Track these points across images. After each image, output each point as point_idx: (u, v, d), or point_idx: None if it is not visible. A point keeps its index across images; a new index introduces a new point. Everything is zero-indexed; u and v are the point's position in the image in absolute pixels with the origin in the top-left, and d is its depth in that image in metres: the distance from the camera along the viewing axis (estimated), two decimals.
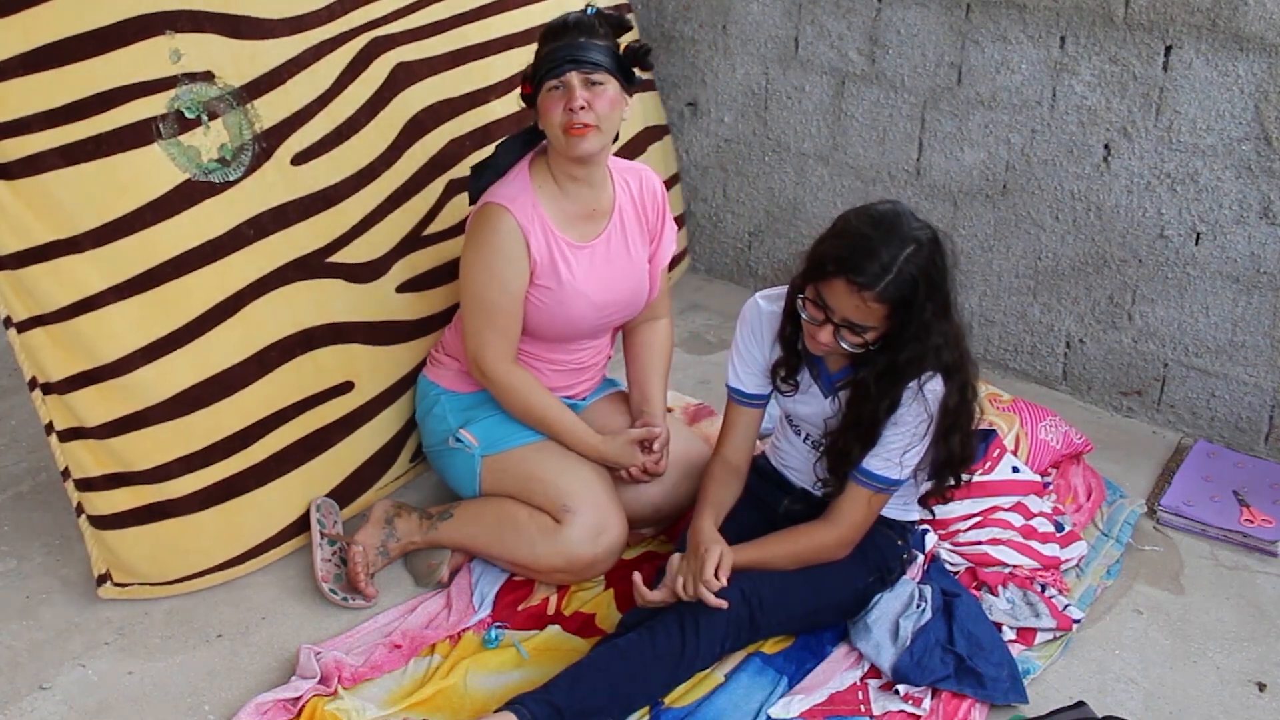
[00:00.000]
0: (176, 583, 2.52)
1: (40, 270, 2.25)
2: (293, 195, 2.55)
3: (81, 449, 2.39)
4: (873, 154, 3.44)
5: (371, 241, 2.70)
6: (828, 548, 2.28)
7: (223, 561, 2.53)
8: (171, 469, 2.42)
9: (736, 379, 2.39)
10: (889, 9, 3.27)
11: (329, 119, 2.64)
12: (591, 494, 2.47)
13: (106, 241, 2.29)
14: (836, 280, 2.06)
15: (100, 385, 2.33)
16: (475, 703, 2.24)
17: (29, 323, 2.29)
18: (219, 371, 2.44)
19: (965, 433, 2.24)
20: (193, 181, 2.38)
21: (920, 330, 2.09)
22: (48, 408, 2.36)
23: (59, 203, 2.24)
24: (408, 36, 2.86)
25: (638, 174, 2.62)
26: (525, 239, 2.42)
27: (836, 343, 2.11)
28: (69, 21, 2.21)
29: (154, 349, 2.36)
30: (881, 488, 2.23)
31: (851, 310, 2.07)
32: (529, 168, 2.49)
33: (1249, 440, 3.04)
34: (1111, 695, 2.30)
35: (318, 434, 2.62)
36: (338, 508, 2.66)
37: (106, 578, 2.49)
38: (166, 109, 2.34)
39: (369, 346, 2.69)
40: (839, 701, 2.25)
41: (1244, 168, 2.84)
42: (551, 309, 2.49)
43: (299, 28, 2.59)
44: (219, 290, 2.43)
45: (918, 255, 2.05)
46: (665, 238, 2.64)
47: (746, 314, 2.37)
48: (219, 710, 2.25)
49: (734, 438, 2.43)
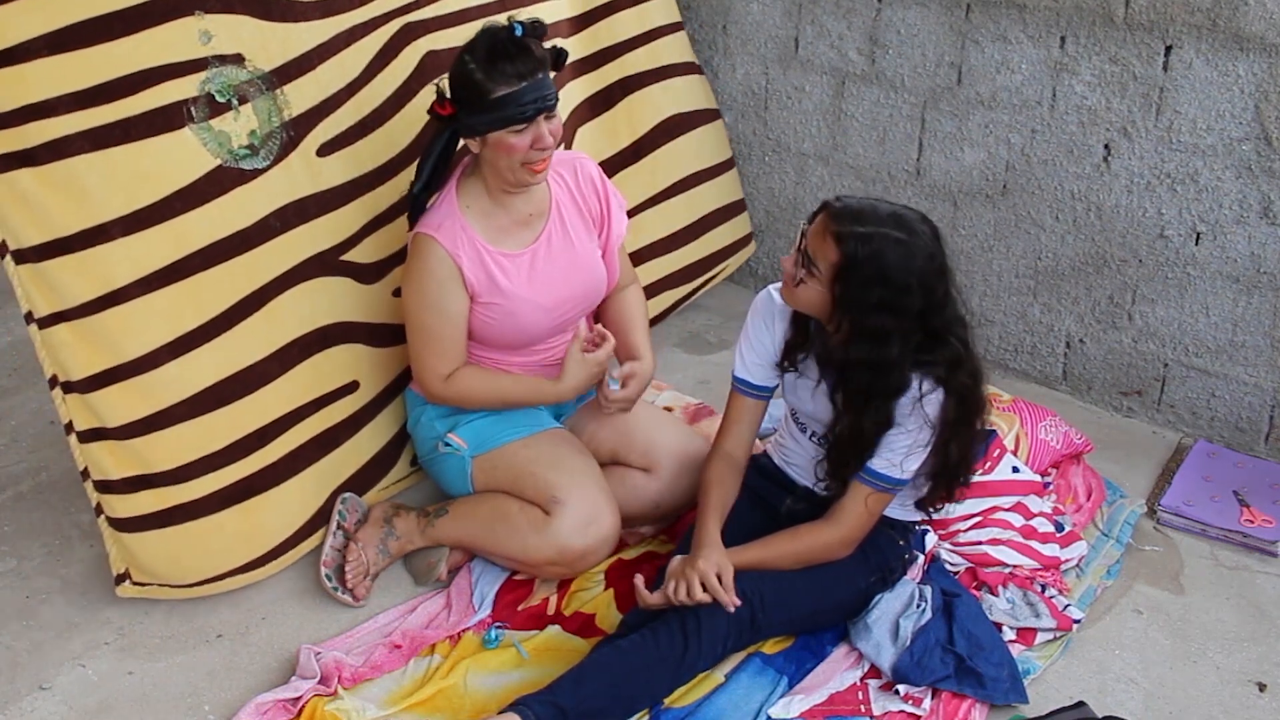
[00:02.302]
0: (197, 585, 2.47)
1: (65, 262, 2.18)
2: (315, 188, 2.51)
3: (102, 450, 2.32)
4: (873, 154, 3.44)
5: (377, 242, 2.68)
6: (831, 547, 2.28)
7: (242, 565, 2.48)
8: (193, 469, 2.36)
9: (744, 369, 2.40)
10: (889, 9, 3.27)
11: (355, 109, 2.59)
12: (581, 485, 2.47)
13: (136, 230, 2.22)
14: (824, 213, 2.14)
15: (123, 384, 2.27)
16: (475, 703, 2.24)
17: (51, 319, 2.22)
18: (242, 368, 2.39)
19: (964, 446, 2.24)
20: (224, 168, 2.33)
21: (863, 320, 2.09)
22: (68, 407, 2.29)
23: (87, 189, 2.17)
24: (439, 23, 2.79)
25: (572, 165, 2.60)
26: (457, 264, 2.42)
27: (794, 270, 2.16)
28: (95, 1, 2.15)
29: (180, 344, 2.30)
30: (883, 487, 2.24)
31: (814, 238, 2.13)
32: (456, 187, 2.47)
33: (1249, 440, 3.04)
34: (1111, 695, 2.30)
35: (329, 432, 2.59)
36: (363, 505, 2.67)
37: (125, 576, 2.44)
38: (198, 92, 2.28)
39: (370, 347, 2.69)
40: (839, 701, 2.25)
41: (1244, 168, 2.84)
42: (502, 321, 2.50)
43: (330, 11, 2.53)
44: (247, 284, 2.38)
45: (898, 247, 2.07)
46: (613, 220, 2.63)
47: (759, 303, 2.39)
48: (219, 710, 2.25)
49: (736, 430, 2.43)
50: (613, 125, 3.32)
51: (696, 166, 3.51)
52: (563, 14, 3.14)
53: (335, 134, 2.55)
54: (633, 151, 3.36)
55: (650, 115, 3.39)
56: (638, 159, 3.37)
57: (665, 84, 3.42)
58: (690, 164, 3.49)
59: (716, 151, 3.58)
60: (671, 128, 3.44)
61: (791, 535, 2.29)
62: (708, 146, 3.55)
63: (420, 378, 2.54)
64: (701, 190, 3.52)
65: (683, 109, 3.47)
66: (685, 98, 3.48)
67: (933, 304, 2.11)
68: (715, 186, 3.56)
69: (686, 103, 3.48)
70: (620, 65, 3.33)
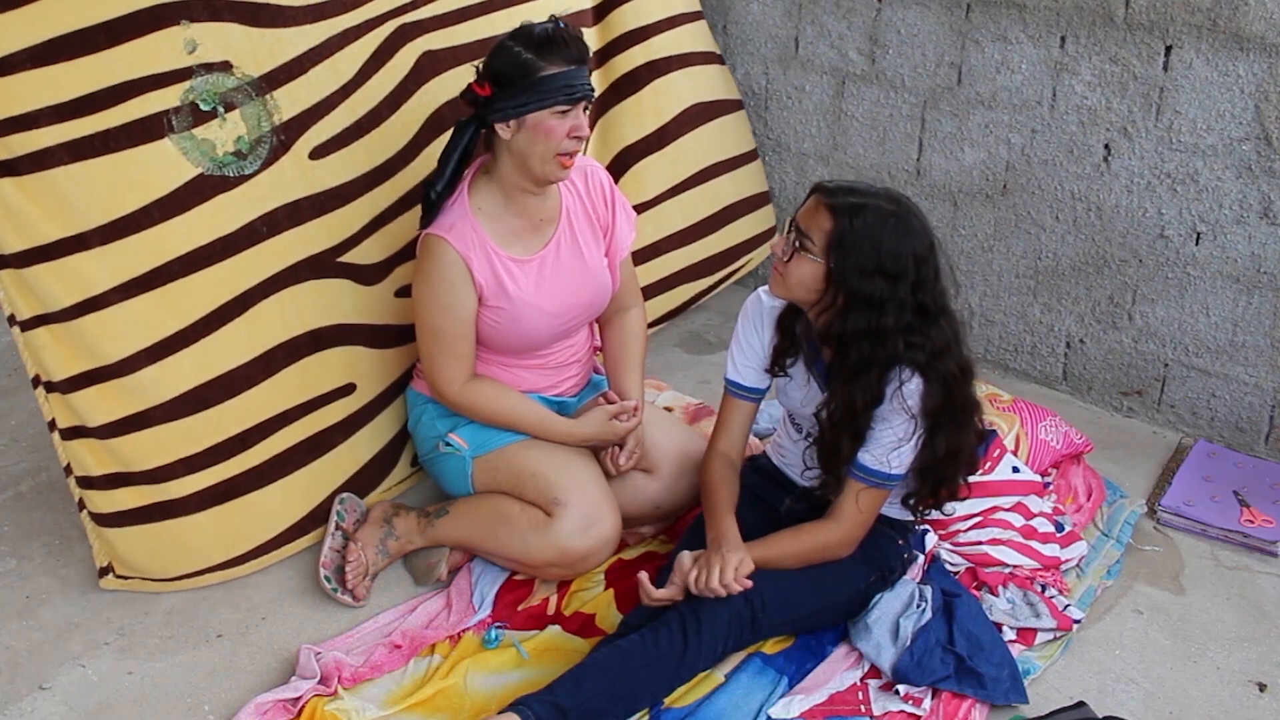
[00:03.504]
0: (177, 580, 2.52)
1: (46, 269, 2.23)
2: (309, 191, 2.52)
3: (83, 448, 2.38)
4: (873, 154, 3.44)
5: (380, 242, 2.68)
6: (831, 546, 2.28)
7: (222, 562, 2.53)
8: (173, 470, 2.41)
9: (735, 372, 2.41)
10: (889, 9, 3.27)
11: (349, 111, 2.59)
12: (582, 487, 2.47)
13: (114, 239, 2.25)
14: (815, 192, 2.18)
15: (103, 385, 2.32)
16: (475, 703, 2.24)
17: (33, 321, 2.27)
18: (223, 372, 2.42)
19: (952, 441, 2.22)
20: (206, 176, 2.35)
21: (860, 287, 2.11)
22: (50, 406, 2.35)
23: (66, 200, 2.21)
24: (435, 23, 2.80)
25: (583, 171, 2.60)
26: (467, 266, 2.42)
27: (786, 248, 2.18)
28: (79, 14, 2.17)
29: (159, 349, 2.34)
30: (873, 482, 2.23)
31: (805, 215, 2.16)
32: (468, 189, 2.47)
33: (1249, 440, 3.04)
34: (1111, 695, 2.30)
35: (320, 435, 2.61)
36: (362, 505, 2.67)
37: (109, 570, 2.50)
38: (180, 101, 2.30)
39: (370, 349, 2.68)
40: (839, 701, 2.25)
41: (1244, 168, 2.84)
42: (506, 326, 2.49)
43: (323, 15, 2.54)
44: (228, 289, 2.40)
45: (890, 215, 2.11)
46: (619, 230, 2.63)
47: (748, 306, 2.41)
48: (219, 710, 2.25)
49: (729, 432, 2.44)
50: (639, 109, 3.30)
51: (717, 157, 3.47)
52: (584, 4, 3.14)
53: (329, 136, 2.55)
54: (657, 138, 3.32)
55: (675, 102, 3.35)
56: (661, 146, 3.33)
57: (688, 71, 3.38)
58: (711, 154, 3.45)
59: (739, 142, 3.54)
60: (694, 116, 3.40)
61: (794, 535, 2.29)
62: (729, 137, 3.51)
63: (435, 382, 2.53)
64: (722, 181, 3.49)
65: (704, 98, 3.42)
66: (707, 87, 3.44)
67: (924, 276, 2.13)
68: (737, 178, 3.53)
69: (708, 92, 3.44)
70: (646, 49, 3.29)
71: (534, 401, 2.58)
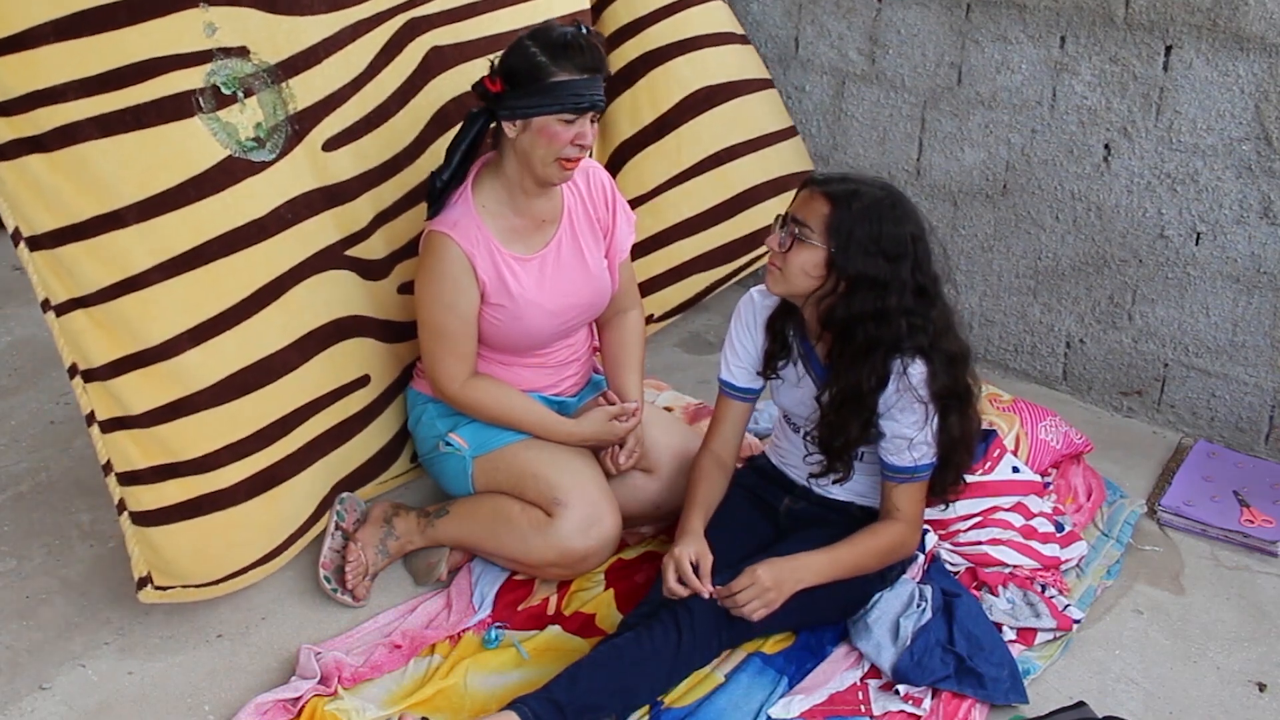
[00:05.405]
0: (217, 583, 2.41)
1: (80, 248, 2.15)
2: (321, 183, 2.50)
3: (127, 439, 2.26)
4: (873, 154, 3.44)
5: (386, 237, 2.68)
6: (907, 543, 2.31)
7: (262, 556, 2.43)
8: (220, 457, 2.31)
9: (728, 372, 2.43)
10: (889, 9, 3.27)
11: (360, 105, 2.58)
12: (582, 487, 2.47)
13: (151, 216, 2.19)
14: (807, 185, 2.23)
15: (146, 370, 2.22)
16: (475, 703, 2.24)
17: (68, 305, 2.18)
18: (265, 356, 2.37)
19: (964, 420, 2.26)
20: (234, 158, 2.31)
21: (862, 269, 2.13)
22: (89, 396, 2.24)
23: (99, 175, 2.14)
24: (444, 18, 2.78)
25: (585, 172, 2.60)
26: (471, 263, 2.42)
27: (781, 243, 2.19)
28: None
29: (201, 331, 2.27)
30: (906, 478, 2.26)
31: (799, 204, 2.20)
32: (472, 186, 2.47)
33: (1249, 440, 3.04)
34: (1111, 695, 2.30)
35: (343, 425, 2.58)
36: (362, 504, 2.66)
37: (147, 580, 2.35)
38: (204, 83, 2.26)
39: (381, 342, 2.68)
40: (839, 701, 2.25)
41: (1244, 168, 2.84)
42: (508, 324, 2.50)
43: (336, 5, 2.52)
44: (265, 272, 2.36)
45: (883, 198, 2.16)
46: (619, 231, 2.63)
47: (741, 307, 2.42)
48: (219, 710, 2.25)
49: (723, 431, 2.45)
50: (633, 103, 3.27)
51: (736, 138, 3.35)
52: (583, 3, 3.11)
53: (341, 129, 2.54)
54: (654, 129, 3.29)
55: (675, 90, 3.29)
56: (660, 136, 3.29)
57: (691, 56, 3.31)
58: (726, 136, 3.34)
59: (765, 121, 3.41)
60: (699, 101, 3.31)
61: (857, 544, 2.27)
62: (751, 117, 3.38)
63: (436, 379, 2.52)
64: (745, 163, 3.35)
65: (713, 80, 3.33)
66: (718, 69, 3.35)
67: (921, 257, 2.18)
68: (765, 158, 3.38)
69: (720, 74, 3.34)
70: (640, 41, 3.26)
71: (535, 401, 2.59)
